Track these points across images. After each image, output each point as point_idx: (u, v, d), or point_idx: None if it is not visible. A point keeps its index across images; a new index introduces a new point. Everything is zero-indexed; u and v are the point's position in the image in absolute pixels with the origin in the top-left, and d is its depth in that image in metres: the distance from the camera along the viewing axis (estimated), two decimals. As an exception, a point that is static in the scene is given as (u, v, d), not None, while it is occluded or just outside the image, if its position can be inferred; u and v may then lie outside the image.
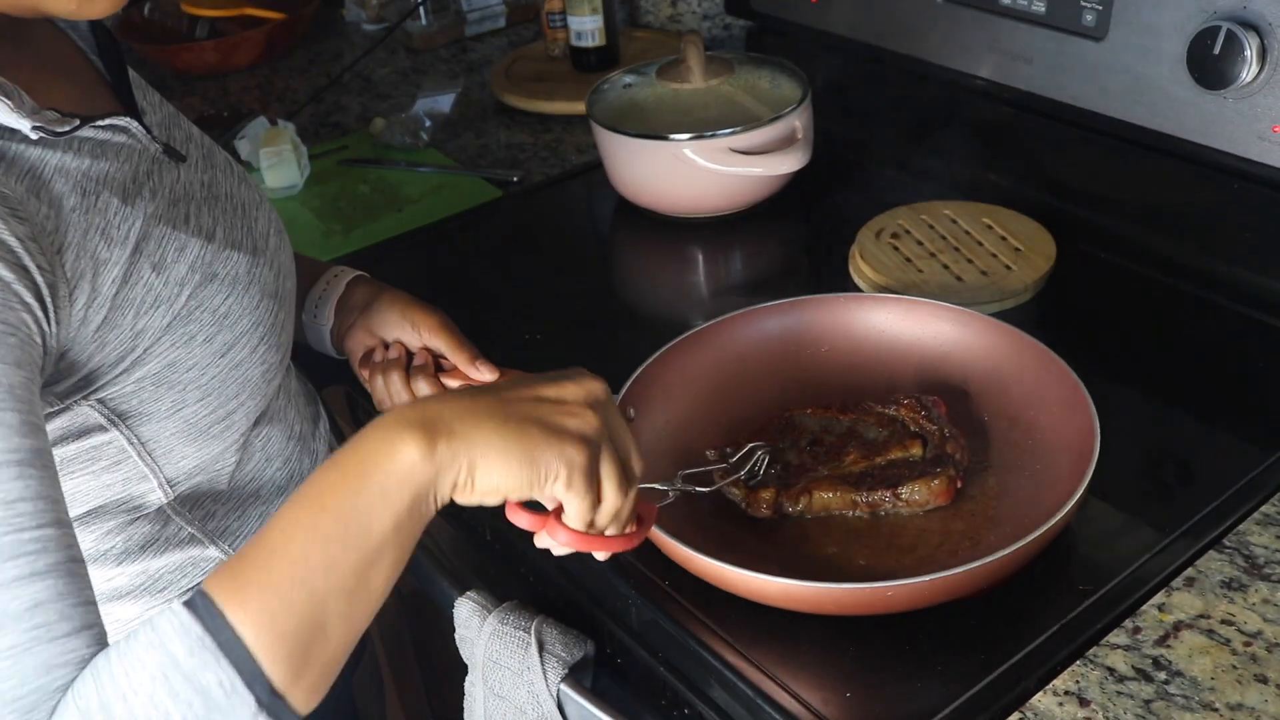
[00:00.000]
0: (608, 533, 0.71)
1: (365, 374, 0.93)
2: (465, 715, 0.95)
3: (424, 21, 1.89)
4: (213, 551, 0.85)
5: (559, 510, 0.70)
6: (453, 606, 0.93)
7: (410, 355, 0.93)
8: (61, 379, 0.69)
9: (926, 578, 0.72)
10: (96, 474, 0.75)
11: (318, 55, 1.94)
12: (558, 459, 0.65)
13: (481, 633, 0.89)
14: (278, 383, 0.83)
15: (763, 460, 0.89)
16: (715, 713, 0.79)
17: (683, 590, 0.81)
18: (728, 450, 0.90)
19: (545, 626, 0.87)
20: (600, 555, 0.77)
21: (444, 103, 1.66)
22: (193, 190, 0.79)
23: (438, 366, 0.93)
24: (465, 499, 0.65)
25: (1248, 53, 0.96)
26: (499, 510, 0.75)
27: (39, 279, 0.62)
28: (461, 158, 1.52)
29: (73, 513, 0.76)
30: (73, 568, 0.59)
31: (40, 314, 0.63)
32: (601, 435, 0.68)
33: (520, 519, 0.71)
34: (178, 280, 0.73)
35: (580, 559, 0.88)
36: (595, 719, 0.83)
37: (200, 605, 0.58)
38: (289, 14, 1.91)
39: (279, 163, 1.45)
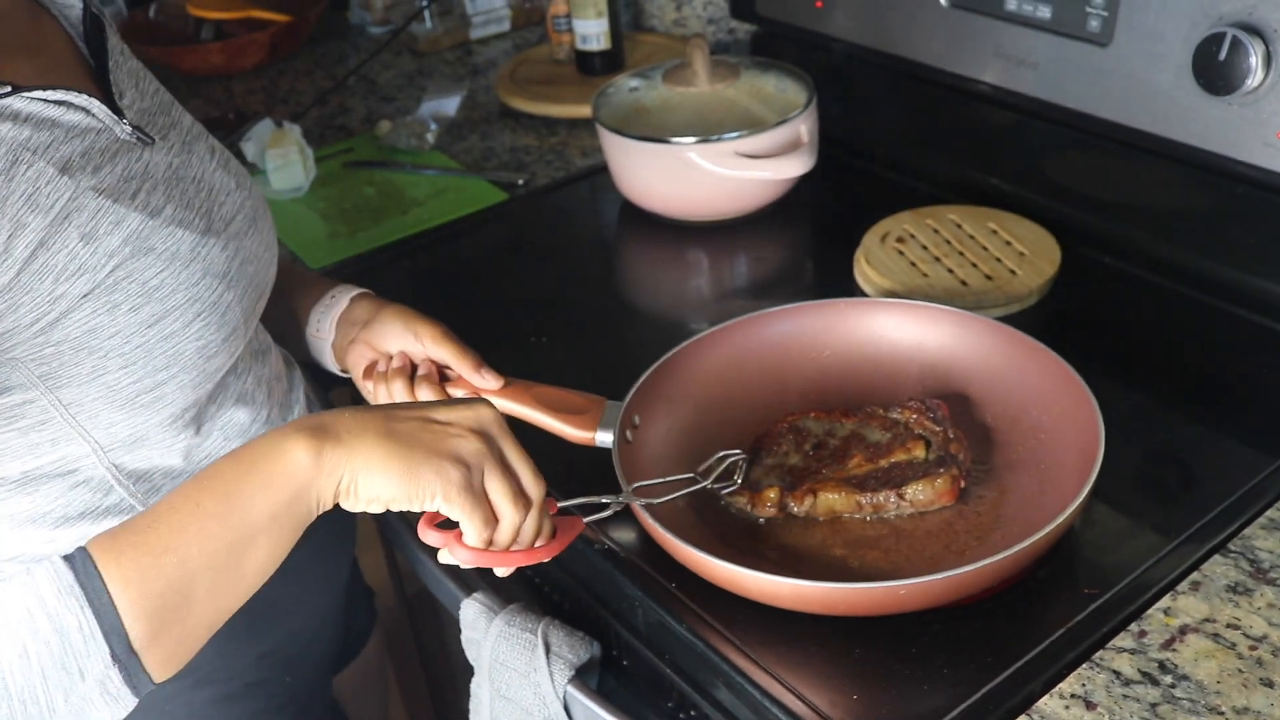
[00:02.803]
0: (511, 549, 0.74)
1: (369, 385, 0.94)
2: (471, 717, 0.96)
3: (429, 24, 1.90)
4: None
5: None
6: (459, 608, 0.93)
7: (414, 366, 0.93)
8: None
9: (939, 575, 0.73)
10: (23, 431, 0.76)
11: (323, 58, 1.94)
12: (435, 475, 0.69)
13: (488, 634, 0.89)
14: (220, 361, 0.82)
15: (740, 468, 0.88)
16: (721, 714, 0.80)
17: (689, 592, 0.82)
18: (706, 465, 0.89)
19: (552, 628, 0.87)
20: (502, 571, 0.80)
21: (449, 105, 1.66)
22: (154, 171, 0.80)
23: (442, 376, 0.93)
24: (350, 506, 0.70)
25: (1253, 59, 0.97)
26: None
27: None
28: (467, 160, 1.52)
29: (8, 472, 0.78)
30: None
31: None
32: (482, 457, 0.72)
33: (428, 536, 0.74)
34: (107, 251, 0.74)
35: (584, 560, 0.88)
36: (601, 720, 0.83)
37: (77, 557, 0.63)
38: (294, 16, 1.91)
39: (284, 165, 1.45)
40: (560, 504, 0.81)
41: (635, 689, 0.88)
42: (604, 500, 0.83)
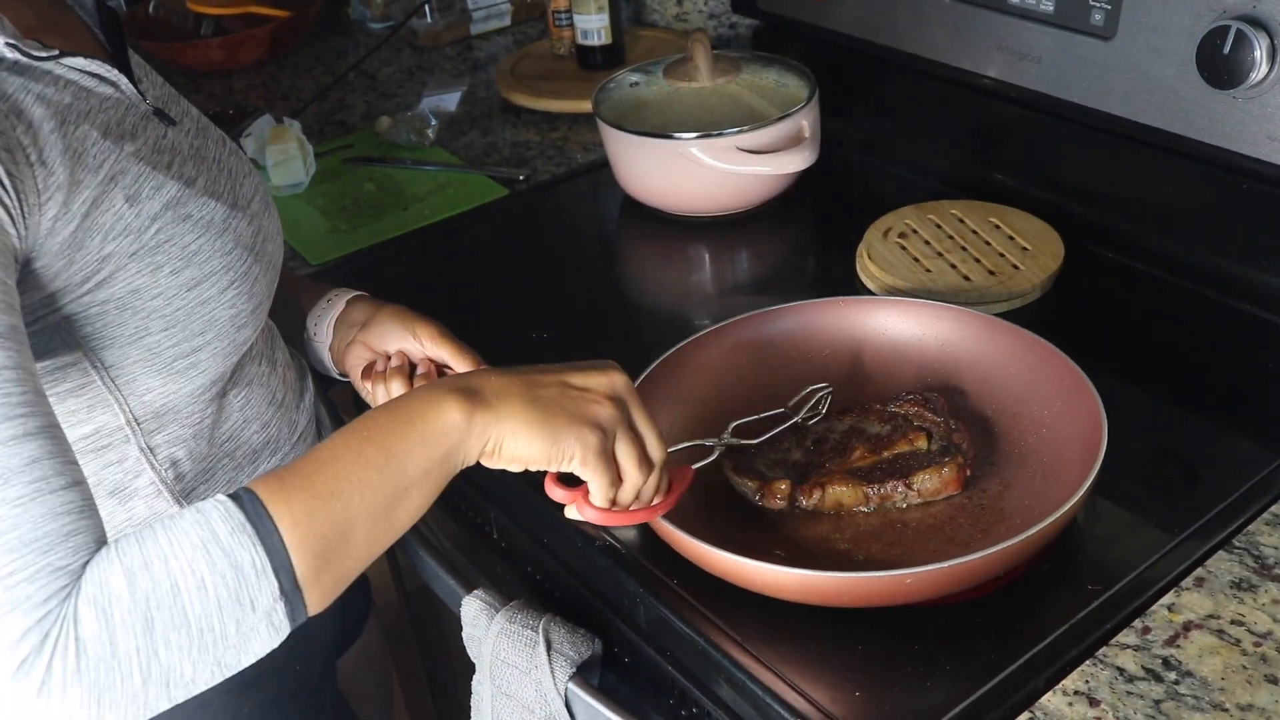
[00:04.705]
0: (631, 507, 0.79)
1: (367, 385, 0.94)
2: (472, 714, 0.95)
3: (429, 19, 1.89)
4: (174, 511, 0.85)
5: (588, 488, 0.78)
6: (460, 605, 0.93)
7: (413, 365, 0.93)
8: (29, 292, 0.71)
9: (946, 564, 0.72)
10: (61, 398, 0.77)
11: (323, 53, 1.94)
12: (575, 440, 0.74)
13: (489, 631, 0.89)
14: (248, 333, 0.84)
15: (825, 400, 0.91)
16: (723, 711, 0.79)
17: (691, 589, 0.81)
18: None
19: (553, 625, 0.87)
20: (622, 526, 0.85)
21: (450, 101, 1.66)
22: (180, 148, 0.82)
23: (440, 375, 0.93)
24: (491, 464, 0.74)
25: (1257, 52, 0.96)
26: (506, 509, 0.76)
27: (6, 182, 0.66)
28: (467, 156, 1.52)
29: None
30: (56, 431, 0.64)
31: (7, 210, 0.66)
32: (617, 423, 0.76)
33: (555, 493, 0.79)
34: (150, 215, 0.76)
35: (586, 557, 0.88)
36: (603, 717, 0.83)
37: (245, 497, 0.66)
38: (294, 11, 1.91)
39: (285, 161, 1.45)
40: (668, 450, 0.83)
41: (637, 686, 0.87)
42: (707, 443, 0.87)
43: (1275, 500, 0.84)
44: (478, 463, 0.74)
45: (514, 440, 0.73)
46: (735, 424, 0.89)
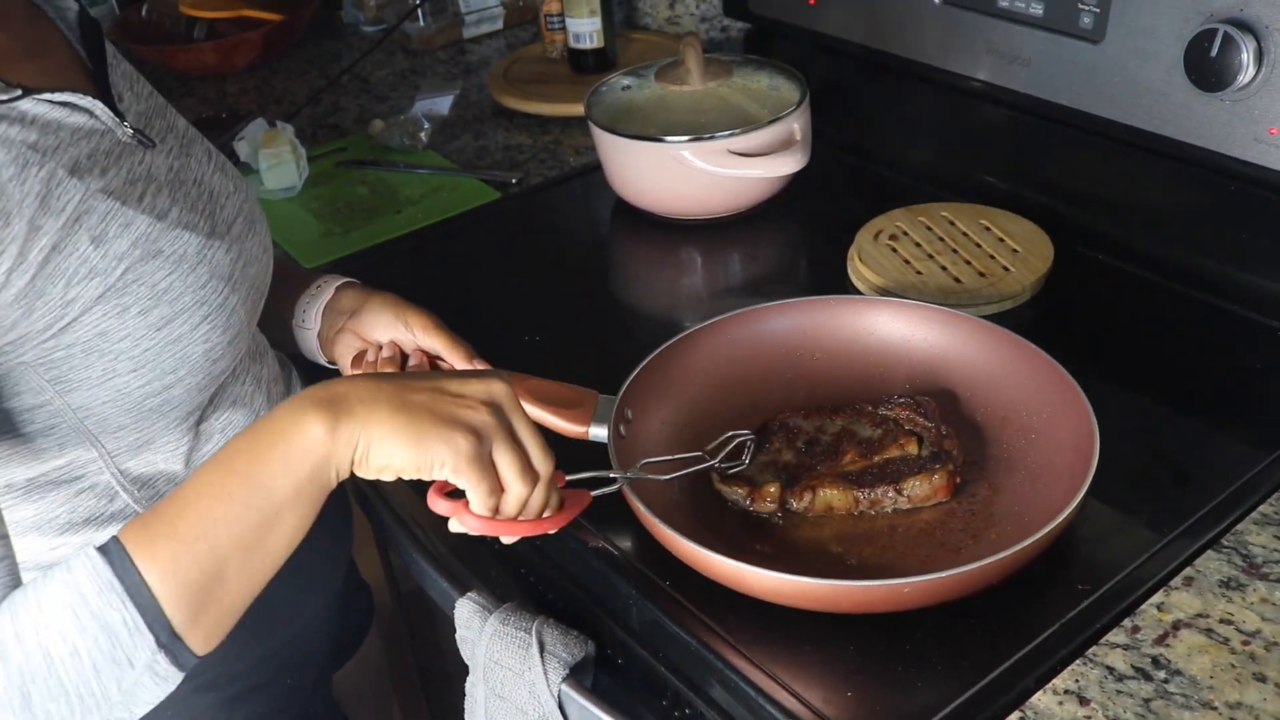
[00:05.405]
0: (519, 518, 0.75)
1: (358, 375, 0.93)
2: (466, 716, 0.95)
3: (422, 23, 1.90)
4: None
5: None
6: (453, 607, 0.93)
7: (404, 356, 0.93)
8: None
9: (944, 573, 0.73)
10: (31, 437, 0.76)
11: (316, 57, 1.94)
12: (444, 445, 0.70)
13: (482, 633, 0.89)
14: (225, 364, 0.83)
15: (748, 448, 0.89)
16: (716, 712, 0.79)
17: (683, 591, 0.81)
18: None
19: (546, 627, 0.87)
20: (507, 539, 0.81)
21: (442, 104, 1.66)
22: (157, 174, 0.80)
23: (433, 367, 0.93)
24: (362, 473, 0.71)
25: (1245, 55, 0.97)
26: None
27: None
28: (460, 159, 1.52)
29: (14, 479, 0.78)
30: None
31: None
32: (493, 429, 0.72)
33: (438, 505, 0.75)
34: (117, 255, 0.74)
35: (579, 559, 0.88)
36: (596, 719, 0.83)
37: (113, 550, 0.64)
38: (287, 15, 1.91)
39: (278, 164, 1.45)
40: (568, 478, 0.81)
41: (630, 687, 0.88)
42: (611, 475, 0.83)
43: (1263, 500, 0.84)
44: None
45: (380, 447, 0.69)
46: (645, 462, 0.85)
